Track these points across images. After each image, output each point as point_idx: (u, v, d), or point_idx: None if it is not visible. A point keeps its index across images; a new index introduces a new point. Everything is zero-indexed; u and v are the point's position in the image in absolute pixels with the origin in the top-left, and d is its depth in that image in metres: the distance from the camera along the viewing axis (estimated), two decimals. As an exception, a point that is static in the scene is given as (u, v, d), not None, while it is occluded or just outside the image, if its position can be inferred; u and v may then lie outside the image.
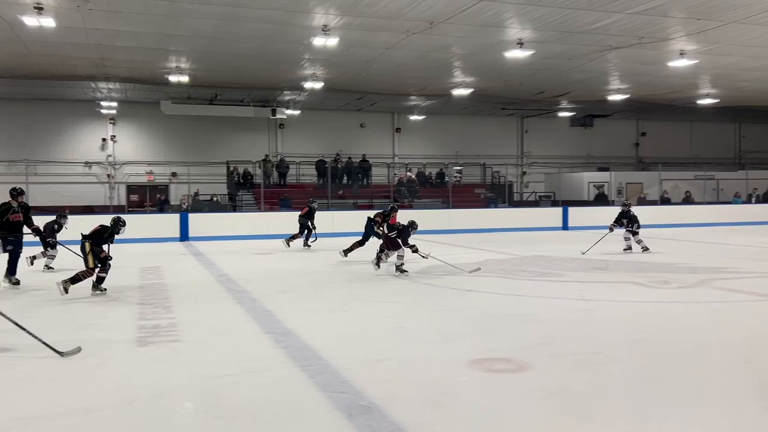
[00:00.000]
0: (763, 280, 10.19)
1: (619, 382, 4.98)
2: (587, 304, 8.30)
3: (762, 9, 12.67)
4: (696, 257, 13.25)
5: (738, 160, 33.39)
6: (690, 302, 8.34)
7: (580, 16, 13.59)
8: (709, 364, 5.49)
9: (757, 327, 6.92)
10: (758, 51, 16.66)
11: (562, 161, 31.18)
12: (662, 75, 19.62)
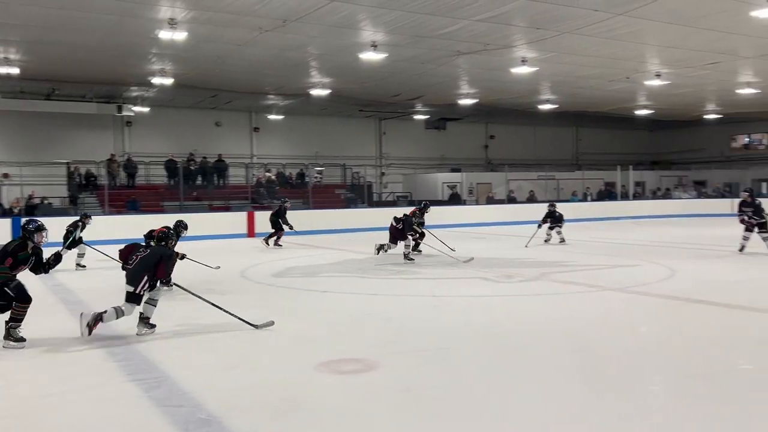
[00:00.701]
0: (595, 272, 11.05)
1: (466, 377, 5.10)
2: (437, 301, 8.53)
3: (592, 22, 13.76)
4: (537, 252, 14.10)
5: (576, 161, 36.17)
6: (530, 295, 8.84)
7: (430, 21, 14.00)
8: (548, 353, 5.80)
9: (590, 317, 7.45)
10: (591, 60, 18.10)
11: (419, 162, 32.10)
12: (507, 81, 20.76)
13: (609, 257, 13.04)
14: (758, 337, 6.25)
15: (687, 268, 11.11)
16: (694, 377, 4.99)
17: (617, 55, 17.39)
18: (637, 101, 26.87)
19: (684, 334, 6.49)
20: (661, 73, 19.92)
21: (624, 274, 10.68)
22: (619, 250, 14.53)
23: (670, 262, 11.82)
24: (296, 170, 27.13)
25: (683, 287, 9.18)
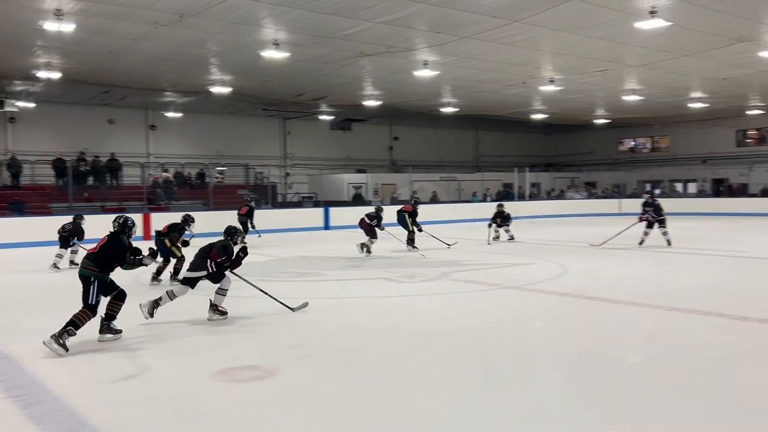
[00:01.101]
0: (493, 271, 11.37)
1: (369, 379, 5.08)
2: (341, 302, 8.48)
3: (489, 27, 14.16)
4: (440, 252, 14.36)
5: (476, 163, 37.24)
6: (431, 294, 8.96)
7: (333, 21, 13.93)
8: (448, 352, 5.88)
9: (488, 314, 7.64)
10: (489, 65, 18.65)
11: (324, 163, 31.97)
12: (410, 83, 21.03)
13: (507, 256, 13.47)
14: (645, 332, 6.63)
15: (578, 266, 11.65)
16: (587, 371, 5.21)
17: (514, 60, 18.01)
18: (533, 106, 27.97)
19: (576, 330, 6.78)
20: (555, 79, 20.83)
21: (520, 272, 11.06)
22: (516, 248, 15.04)
23: (563, 260, 12.36)
24: (196, 170, 26.29)
25: (575, 284, 9.61)
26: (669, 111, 29.14)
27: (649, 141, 37.80)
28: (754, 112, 29.73)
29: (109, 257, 6.18)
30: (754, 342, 6.09)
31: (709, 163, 33.88)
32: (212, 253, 7.20)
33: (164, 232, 9.97)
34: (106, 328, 6.25)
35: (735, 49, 16.40)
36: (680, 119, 32.02)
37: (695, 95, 24.83)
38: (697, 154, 34.24)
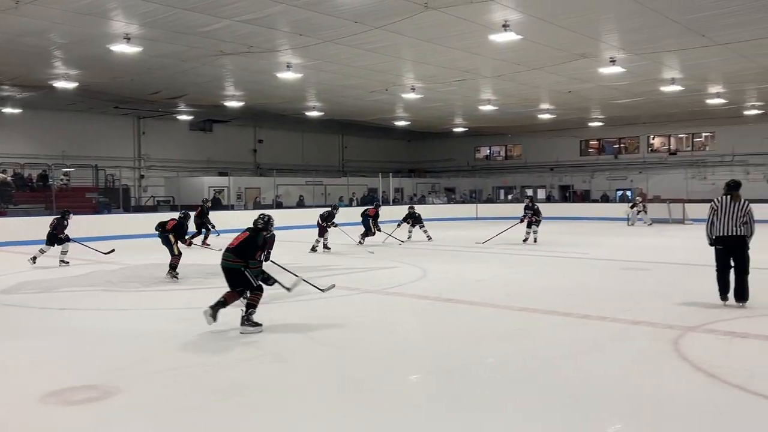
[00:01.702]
0: (356, 275, 11.35)
1: (219, 394, 4.78)
2: (194, 313, 8.03)
3: (352, 33, 14.18)
4: (302, 257, 14.15)
5: (341, 168, 37.43)
6: (291, 301, 8.74)
7: (189, 17, 13.31)
8: (304, 360, 5.71)
9: (348, 320, 7.55)
10: (353, 70, 18.74)
11: (183, 165, 30.56)
12: (273, 85, 20.65)
13: (369, 260, 13.52)
14: (497, 332, 6.85)
15: (438, 269, 11.94)
16: (446, 371, 5.27)
17: (377, 67, 18.23)
18: (396, 112, 28.56)
19: (435, 332, 6.88)
20: (416, 87, 21.36)
21: (382, 276, 11.13)
22: (379, 252, 15.17)
23: (424, 263, 12.62)
24: (38, 171, 24.16)
25: (435, 287, 9.80)
26: (521, 121, 30.95)
27: (503, 149, 39.95)
28: (595, 123, 32.33)
29: (245, 251, 6.79)
30: (595, 338, 6.47)
31: (556, 171, 36.42)
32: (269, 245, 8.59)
33: (168, 229, 11.06)
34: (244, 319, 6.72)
35: (578, 65, 17.68)
36: (531, 129, 34.15)
37: (544, 107, 26.53)
38: (545, 162, 36.67)
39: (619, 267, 12.26)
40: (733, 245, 7.80)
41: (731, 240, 7.80)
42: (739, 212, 7.77)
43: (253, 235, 6.92)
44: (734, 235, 7.78)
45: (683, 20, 13.45)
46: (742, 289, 7.75)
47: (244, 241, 6.87)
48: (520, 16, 13.05)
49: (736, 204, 7.84)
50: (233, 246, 6.87)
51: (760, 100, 25.09)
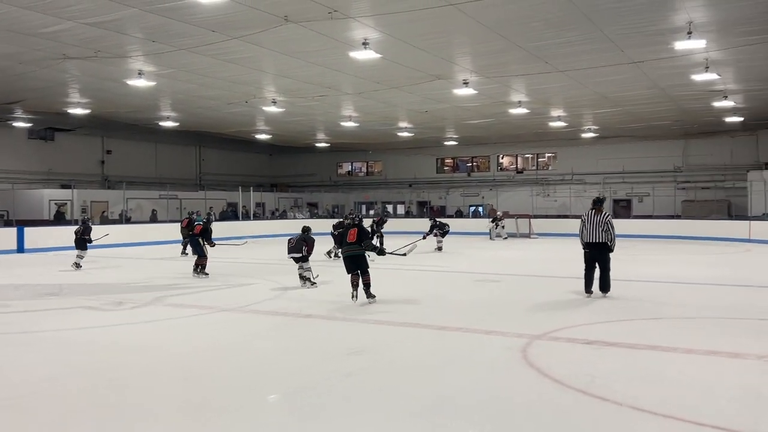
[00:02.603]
0: (212, 293, 10.90)
1: (50, 425, 4.32)
2: (28, 338, 7.28)
3: (208, 42, 13.71)
4: (152, 276, 13.41)
5: (199, 181, 36.08)
6: (141, 322, 8.21)
7: (27, 16, 12.21)
8: (153, 384, 5.34)
9: (202, 341, 7.20)
10: (210, 81, 18.12)
11: (19, 177, 27.92)
12: (123, 93, 19.48)
13: (227, 277, 13.07)
14: (354, 346, 6.82)
15: (297, 284, 11.75)
16: (303, 388, 5.14)
17: (236, 78, 17.80)
18: (257, 126, 28.09)
19: (293, 349, 6.72)
20: (277, 101, 21.12)
21: (240, 293, 10.78)
22: (237, 269, 14.72)
23: (283, 279, 12.39)
24: None
25: (293, 303, 9.63)
26: (381, 138, 31.65)
27: (364, 165, 40.59)
28: (450, 142, 33.81)
29: (360, 240, 9.45)
30: (450, 349, 6.65)
31: (415, 187, 37.58)
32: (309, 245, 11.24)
33: (197, 233, 13.14)
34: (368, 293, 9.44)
35: (434, 85, 18.37)
36: (391, 146, 35.03)
37: (403, 125, 27.31)
38: (405, 179, 37.73)
39: (474, 279, 12.77)
40: (596, 249, 9.74)
41: (595, 245, 9.75)
42: (599, 223, 9.72)
43: (363, 228, 9.79)
44: (597, 242, 9.73)
45: (528, 47, 14.42)
46: (605, 283, 9.75)
47: (359, 236, 9.48)
48: (379, 35, 13.32)
49: (598, 216, 9.79)
50: (353, 240, 9.48)
51: (595, 125, 27.52)
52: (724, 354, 6.22)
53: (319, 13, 11.71)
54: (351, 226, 9.95)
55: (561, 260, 17.05)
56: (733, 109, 22.65)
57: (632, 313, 8.52)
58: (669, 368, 5.78)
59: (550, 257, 18.01)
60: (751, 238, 22.53)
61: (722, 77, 17.24)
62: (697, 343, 6.77)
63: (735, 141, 29.00)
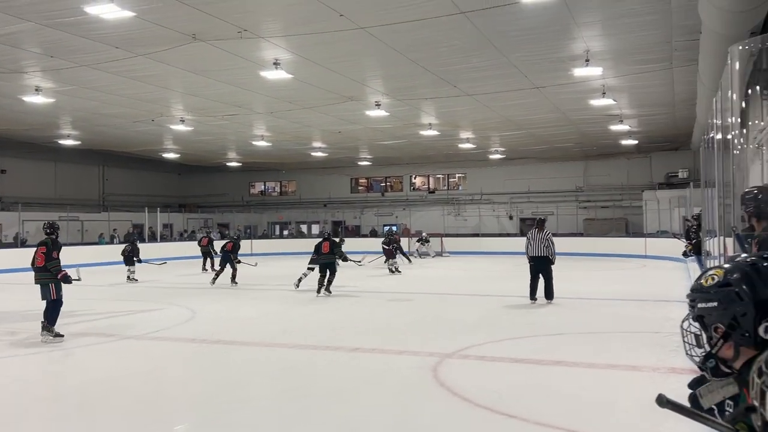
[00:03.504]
0: (115, 320, 10.39)
1: None
2: None
3: (112, 58, 13.19)
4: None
5: (102, 202, 34.49)
6: (28, 354, 7.70)
7: None
8: (46, 419, 5.01)
9: (99, 371, 6.83)
10: (114, 98, 17.41)
11: None
12: (19, 110, 18.40)
13: (131, 303, 12.52)
14: (272, 372, 6.68)
15: (208, 308, 11.43)
16: (214, 416, 4.97)
17: (142, 96, 17.21)
18: (165, 144, 27.24)
19: (204, 376, 6.50)
20: (186, 119, 20.58)
21: (146, 320, 10.35)
22: (142, 294, 14.14)
23: (192, 303, 12.01)
24: None
25: (204, 328, 9.34)
26: (295, 158, 31.45)
27: (277, 185, 40.15)
28: (364, 163, 34.04)
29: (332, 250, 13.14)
30: (363, 371, 6.63)
31: (329, 207, 37.51)
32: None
33: (229, 250, 15.75)
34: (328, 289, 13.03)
35: (347, 107, 18.48)
36: (305, 166, 34.86)
37: (317, 144, 27.27)
38: (319, 198, 37.59)
39: (387, 299, 12.84)
40: (539, 262, 11.33)
41: (538, 258, 11.34)
42: (541, 240, 11.36)
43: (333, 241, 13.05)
44: (540, 256, 11.31)
45: (437, 71, 14.79)
46: (549, 291, 11.35)
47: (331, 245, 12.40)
48: (290, 56, 13.28)
49: (540, 234, 11.47)
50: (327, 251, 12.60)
51: (502, 146, 28.51)
52: (622, 367, 6.53)
53: (229, 32, 11.55)
54: (324, 240, 13.20)
55: (472, 279, 17.47)
56: (628, 133, 24.07)
57: (538, 329, 8.82)
58: (572, 383, 6.01)
59: (462, 275, 18.40)
60: (647, 254, 23.92)
61: (618, 102, 18.30)
62: (598, 357, 7.08)
63: (631, 162, 30.79)
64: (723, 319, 1.60)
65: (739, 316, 1.57)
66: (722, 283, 1.62)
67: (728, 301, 1.59)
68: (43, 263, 8.32)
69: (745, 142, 7.33)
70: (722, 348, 1.61)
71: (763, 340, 1.53)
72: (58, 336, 8.24)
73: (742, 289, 1.58)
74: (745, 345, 1.57)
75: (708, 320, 1.63)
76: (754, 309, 1.55)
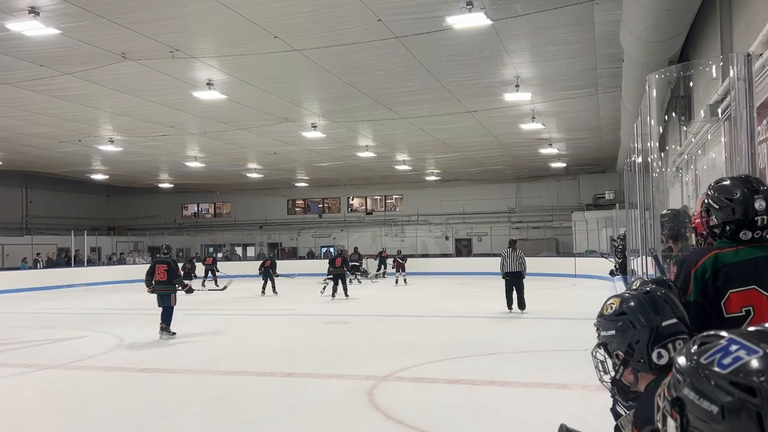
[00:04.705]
0: (35, 349, 9.89)
1: None
2: None
3: (36, 76, 12.65)
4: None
5: (25, 225, 32.97)
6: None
7: None
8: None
9: (17, 407, 6.47)
10: (38, 117, 16.73)
11: None
12: (-67, 128, 17.49)
13: (54, 330, 11.96)
14: (201, 400, 6.47)
15: (135, 335, 11.03)
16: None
17: (68, 116, 16.62)
18: (93, 165, 26.36)
19: (129, 407, 6.23)
20: (115, 140, 19.99)
21: (68, 348, 9.88)
22: (67, 321, 13.53)
23: (120, 330, 11.57)
24: None
25: (131, 355, 9.00)
26: (230, 179, 30.97)
27: (212, 207, 39.38)
28: (301, 184, 33.85)
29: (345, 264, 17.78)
30: (297, 396, 6.52)
31: (265, 229, 37.03)
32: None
33: (269, 266, 19.26)
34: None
35: (283, 128, 18.38)
36: (240, 187, 34.36)
37: (252, 166, 26.95)
38: (255, 220, 37.08)
39: (322, 322, 12.72)
40: (514, 277, 13.12)
41: (513, 274, 13.13)
42: (516, 258, 13.19)
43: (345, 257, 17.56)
44: (514, 271, 13.13)
45: (373, 94, 14.92)
46: (521, 302, 13.09)
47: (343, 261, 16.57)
48: (224, 76, 13.14)
49: (514, 252, 13.30)
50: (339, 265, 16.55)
51: (438, 168, 28.94)
52: (554, 386, 6.65)
53: (160, 51, 11.33)
54: (337, 256, 17.77)
55: (408, 299, 17.53)
56: (557, 156, 24.88)
57: (473, 350, 8.90)
58: (506, 402, 6.08)
59: (399, 296, 18.45)
60: (577, 274, 24.64)
61: (547, 127, 18.92)
62: (530, 376, 7.20)
63: (560, 184, 31.79)
64: (621, 347, 1.68)
65: (633, 343, 1.65)
66: (618, 312, 1.70)
67: (623, 329, 1.67)
68: (165, 278, 10.81)
69: (664, 166, 7.69)
70: (624, 373, 1.69)
71: (658, 366, 1.60)
72: (173, 334, 10.61)
73: (636, 318, 1.66)
74: (643, 371, 1.65)
75: (610, 347, 1.72)
76: (647, 336, 1.64)
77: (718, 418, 0.92)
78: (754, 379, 0.91)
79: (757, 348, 0.95)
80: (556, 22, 10.37)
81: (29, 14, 9.25)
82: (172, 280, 10.92)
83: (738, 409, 0.91)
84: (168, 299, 10.78)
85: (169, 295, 10.82)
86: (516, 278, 13.15)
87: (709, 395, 0.94)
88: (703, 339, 1.04)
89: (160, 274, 10.88)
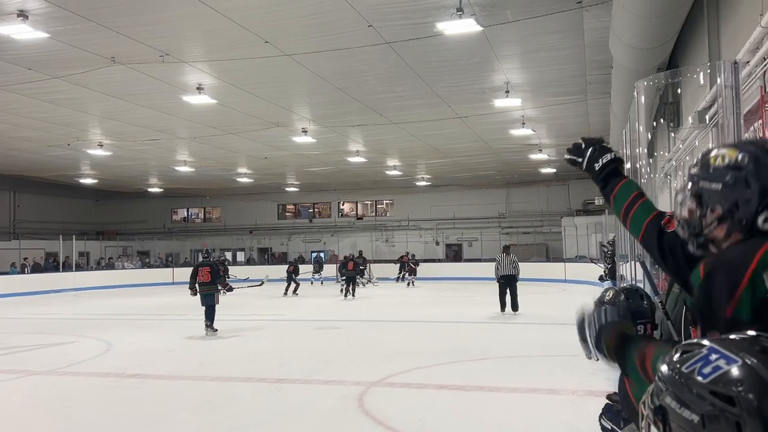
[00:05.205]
0: (23, 354, 9.81)
1: None
2: None
3: (24, 80, 12.58)
4: None
5: (13, 229, 32.70)
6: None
7: None
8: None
9: (6, 414, 6.41)
10: (27, 121, 16.63)
11: None
12: None
13: (42, 336, 11.86)
14: (190, 406, 6.43)
15: (124, 340, 10.96)
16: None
17: (57, 120, 16.53)
18: (82, 170, 26.20)
19: (118, 413, 6.19)
20: (104, 144, 19.89)
21: (57, 354, 9.80)
22: (55, 326, 13.42)
23: (108, 335, 11.49)
24: None
25: (120, 361, 8.93)
26: (220, 184, 30.88)
27: (201, 211, 39.23)
28: (291, 189, 33.81)
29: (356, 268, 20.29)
30: (287, 403, 6.49)
31: (255, 234, 36.93)
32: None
33: (291, 271, 20.89)
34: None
35: (273, 132, 18.35)
36: (230, 192, 34.27)
37: (242, 171, 26.88)
38: (245, 225, 36.97)
39: (314, 327, 12.69)
40: (508, 280, 13.85)
41: (507, 277, 13.84)
42: (510, 262, 13.90)
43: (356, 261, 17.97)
44: (508, 275, 13.84)
45: (363, 99, 14.94)
46: (515, 304, 13.81)
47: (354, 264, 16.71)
48: (214, 81, 13.12)
49: (508, 257, 14.08)
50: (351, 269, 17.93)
51: (428, 174, 28.99)
52: (543, 391, 6.67)
53: (150, 56, 11.30)
54: (349, 260, 19.73)
55: (397, 304, 17.53)
56: (547, 161, 24.98)
57: (462, 355, 8.91)
58: (495, 408, 6.08)
59: (389, 302, 18.44)
60: (567, 279, 24.72)
61: (536, 132, 19.00)
62: (520, 381, 7.21)
63: (550, 190, 31.92)
64: (724, 202, 1.49)
65: (742, 202, 1.46)
66: (732, 166, 1.49)
67: (733, 185, 1.48)
68: (210, 279, 11.70)
69: (653, 172, 7.73)
70: (715, 229, 1.52)
71: (759, 230, 1.44)
72: (216, 331, 11.51)
73: (752, 175, 1.46)
74: (738, 231, 1.48)
75: (707, 200, 1.53)
76: (758, 197, 1.45)
77: (699, 427, 0.94)
78: (733, 389, 0.92)
79: (736, 357, 0.96)
80: (546, 29, 10.43)
81: (18, 17, 9.21)
82: (215, 281, 11.80)
83: (717, 418, 0.92)
84: (212, 298, 11.63)
85: (213, 294, 11.67)
86: (509, 281, 13.82)
87: (689, 404, 0.95)
88: (684, 347, 1.05)
89: (204, 275, 11.76)
